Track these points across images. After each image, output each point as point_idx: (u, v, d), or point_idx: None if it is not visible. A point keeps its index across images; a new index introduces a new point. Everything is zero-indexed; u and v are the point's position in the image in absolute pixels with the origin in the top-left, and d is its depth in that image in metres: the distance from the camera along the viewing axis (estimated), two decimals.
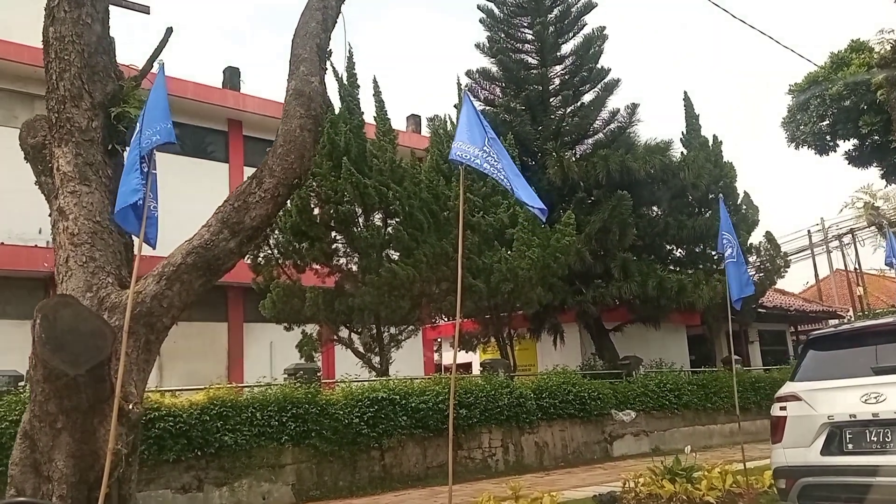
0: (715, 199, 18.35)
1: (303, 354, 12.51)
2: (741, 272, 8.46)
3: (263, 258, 12.85)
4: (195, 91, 20.39)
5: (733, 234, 8.56)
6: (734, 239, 8.49)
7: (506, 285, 13.56)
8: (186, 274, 4.37)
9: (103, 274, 4.42)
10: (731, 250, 8.37)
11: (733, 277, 8.42)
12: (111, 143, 4.75)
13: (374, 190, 12.35)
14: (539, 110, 17.45)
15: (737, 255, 8.42)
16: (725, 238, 8.43)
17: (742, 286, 8.40)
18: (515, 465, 12.26)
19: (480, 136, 5.81)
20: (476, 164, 5.74)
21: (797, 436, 5.50)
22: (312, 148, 4.75)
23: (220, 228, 4.49)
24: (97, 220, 4.54)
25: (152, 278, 4.37)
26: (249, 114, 21.33)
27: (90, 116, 4.70)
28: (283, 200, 4.73)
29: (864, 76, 14.85)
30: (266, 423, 9.68)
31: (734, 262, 8.43)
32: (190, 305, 4.44)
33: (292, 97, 4.74)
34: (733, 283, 8.40)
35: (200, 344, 20.01)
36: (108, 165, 4.74)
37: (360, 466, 10.52)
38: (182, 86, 20.15)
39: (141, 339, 4.27)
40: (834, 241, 27.35)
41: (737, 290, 8.38)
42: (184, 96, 20.04)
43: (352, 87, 13.64)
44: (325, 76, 4.92)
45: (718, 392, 16.16)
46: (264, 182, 4.65)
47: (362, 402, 10.58)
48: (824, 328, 6.15)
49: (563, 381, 13.42)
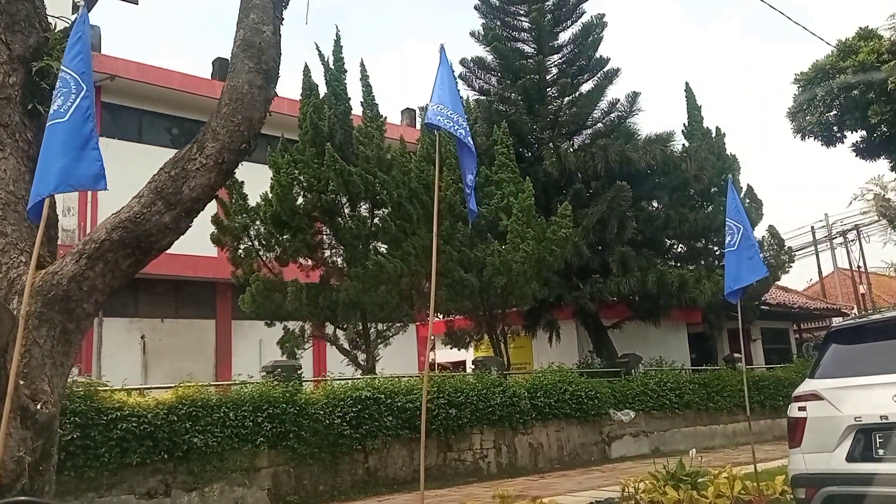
0: (718, 192, 17.82)
1: (284, 351, 11.88)
2: (745, 259, 7.82)
3: (244, 251, 12.21)
4: (182, 82, 19.80)
5: (742, 219, 7.92)
6: (742, 224, 7.85)
7: (499, 279, 12.94)
8: (112, 252, 3.74)
9: (15, 252, 3.79)
10: (732, 238, 7.77)
11: (731, 267, 7.83)
12: (32, 102, 4.10)
13: (360, 178, 11.72)
14: (536, 100, 16.80)
15: (739, 242, 7.79)
16: (730, 225, 7.83)
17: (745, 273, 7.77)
18: (508, 468, 11.64)
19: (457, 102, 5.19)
20: (454, 130, 5.11)
21: (819, 439, 4.88)
22: (263, 108, 4.12)
23: (153, 200, 3.87)
24: (10, 189, 3.91)
25: (71, 257, 3.73)
26: None
27: (6, 71, 4.06)
28: (228, 168, 4.10)
29: (873, 64, 14.23)
30: (240, 423, 9.05)
31: (733, 251, 7.84)
32: (117, 290, 3.80)
33: (240, 49, 4.11)
34: (729, 274, 7.83)
35: (187, 341, 19.41)
36: (27, 128, 4.09)
37: (341, 470, 9.89)
38: (168, 76, 19.56)
39: (56, 328, 3.63)
40: (838, 237, 26.77)
41: (732, 281, 7.80)
42: (170, 87, 19.49)
43: (338, 71, 13.00)
44: (281, 26, 4.27)
45: (721, 391, 15.55)
46: (206, 147, 4.02)
47: (345, 401, 9.95)
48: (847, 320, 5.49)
49: (558, 379, 12.79)
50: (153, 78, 19.12)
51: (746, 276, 7.86)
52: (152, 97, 19.43)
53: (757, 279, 8.28)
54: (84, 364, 17.13)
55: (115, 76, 18.33)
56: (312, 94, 12.30)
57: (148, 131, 20.11)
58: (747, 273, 7.82)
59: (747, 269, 7.78)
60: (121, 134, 19.23)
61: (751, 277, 8.00)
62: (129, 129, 19.65)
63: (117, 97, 19.16)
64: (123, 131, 19.38)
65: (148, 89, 19.07)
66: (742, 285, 7.97)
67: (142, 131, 20.03)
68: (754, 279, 8.21)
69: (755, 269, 7.84)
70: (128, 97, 19.23)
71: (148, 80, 18.95)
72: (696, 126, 18.27)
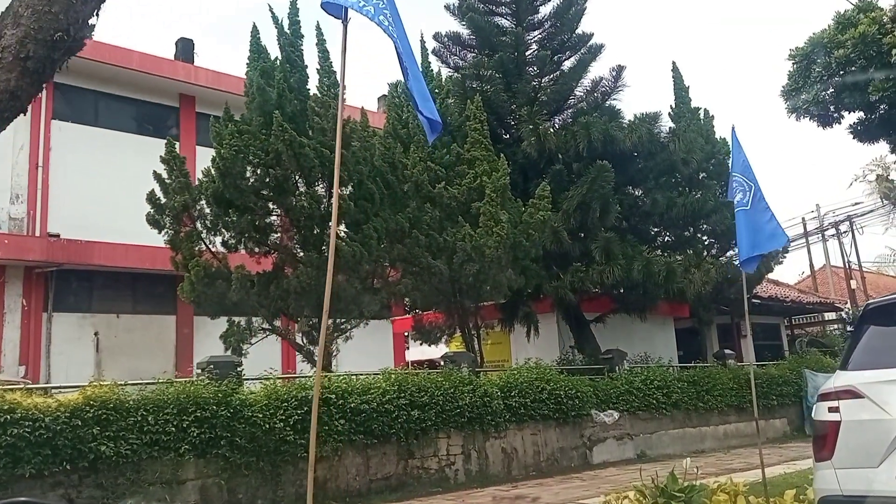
0: (707, 177, 16.74)
1: (228, 346, 10.59)
2: (762, 222, 6.62)
3: (185, 233, 10.91)
4: (142, 62, 18.50)
5: (750, 175, 6.72)
6: (751, 181, 6.65)
7: (470, 266, 11.73)
8: None
9: None
10: (743, 195, 6.56)
11: (744, 229, 6.61)
12: None
13: (314, 151, 10.45)
14: (514, 76, 15.58)
15: (752, 201, 6.57)
16: (737, 181, 6.63)
17: (762, 240, 6.58)
18: (478, 476, 10.42)
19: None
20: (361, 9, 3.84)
21: (858, 450, 3.71)
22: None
23: None
24: None
25: None
26: (203, 88, 19.45)
27: None
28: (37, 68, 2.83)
29: (874, 36, 13.19)
30: (161, 429, 7.77)
31: (746, 210, 6.60)
32: None
33: None
34: (743, 239, 6.61)
35: (145, 338, 18.12)
36: None
37: (284, 481, 8.62)
38: (127, 56, 18.22)
39: None
40: (830, 228, 25.80)
41: (747, 247, 6.58)
42: (129, 67, 18.17)
43: (294, 36, 11.73)
44: None
45: (711, 390, 14.46)
46: (5, 35, 2.75)
47: (289, 402, 8.69)
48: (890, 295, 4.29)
49: (535, 377, 11.60)
50: (110, 57, 17.81)
51: (765, 242, 6.66)
52: (109, 78, 18.11)
53: (777, 248, 7.09)
54: (31, 363, 15.82)
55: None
56: (261, 57, 11.02)
57: (104, 114, 18.76)
58: (766, 239, 6.63)
59: (766, 235, 6.58)
60: (74, 117, 17.95)
61: (769, 245, 6.84)
62: (84, 112, 18.35)
63: (71, 77, 17.74)
64: (78, 114, 18.08)
65: (104, 69, 17.77)
66: (760, 252, 6.78)
67: (98, 114, 18.69)
68: (774, 247, 7.05)
69: (774, 235, 6.64)
70: (82, 77, 17.87)
71: (104, 60, 17.62)
72: (685, 108, 17.16)
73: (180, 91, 19.73)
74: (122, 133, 18.76)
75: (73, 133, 17.70)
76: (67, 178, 16.81)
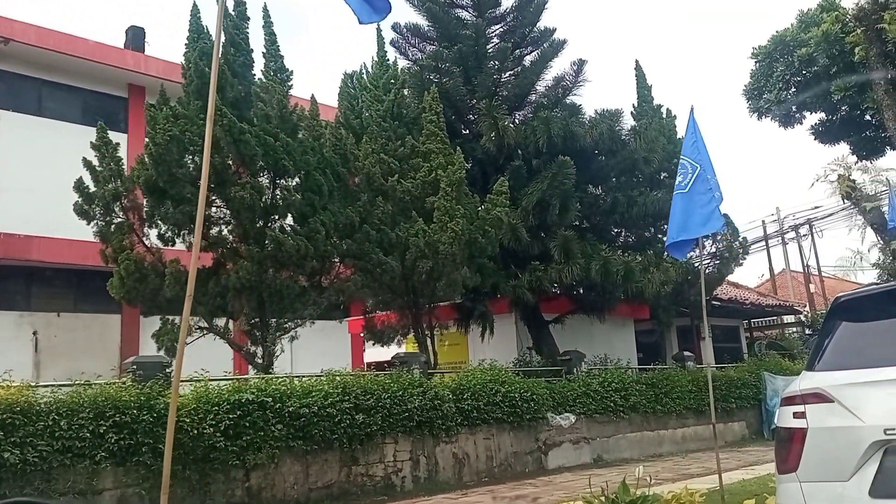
0: (669, 176, 16.46)
1: (160, 346, 9.90)
2: (698, 206, 6.29)
3: (116, 225, 10.19)
4: (88, 49, 17.63)
5: (701, 158, 6.37)
6: (699, 163, 6.31)
7: (423, 263, 11.21)
8: None
9: None
10: (684, 178, 6.24)
11: (678, 213, 6.33)
12: None
13: (256, 139, 9.83)
14: (474, 70, 15.12)
15: (692, 184, 6.26)
16: (683, 164, 6.29)
17: (694, 225, 6.26)
18: (427, 483, 9.90)
19: None
20: None
21: (826, 462, 3.29)
22: None
23: None
24: None
25: None
26: (154, 78, 18.57)
27: None
28: None
29: (837, 35, 13.05)
30: (75, 434, 7.10)
31: (683, 193, 6.32)
32: None
33: None
34: (674, 222, 6.32)
35: (87, 338, 17.24)
36: None
37: (214, 491, 7.98)
38: (72, 42, 17.35)
39: None
40: (790, 231, 25.96)
41: (676, 230, 6.27)
42: (74, 55, 17.29)
43: (240, 18, 11.07)
44: None
45: (670, 393, 14.17)
46: None
47: (220, 406, 8.05)
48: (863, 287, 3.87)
49: (489, 379, 11.12)
50: (54, 44, 16.94)
51: (697, 226, 6.32)
52: (54, 65, 17.22)
53: (709, 232, 6.77)
54: None
55: (9, 40, 16.11)
56: (201, 37, 10.35)
57: (49, 103, 17.84)
58: (698, 223, 6.28)
59: (699, 219, 6.23)
60: (17, 105, 16.99)
61: (701, 229, 6.48)
62: (27, 101, 17.40)
63: (13, 64, 16.89)
64: (20, 102, 17.13)
65: (49, 56, 16.90)
66: (690, 237, 6.44)
67: (42, 103, 17.76)
68: (705, 232, 6.71)
69: (709, 219, 6.28)
70: (25, 65, 16.97)
71: (48, 47, 16.77)
72: (647, 106, 16.99)
73: (129, 81, 18.90)
74: (66, 123, 17.84)
75: (15, 122, 16.77)
76: (9, 168, 15.87)
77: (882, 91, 12.25)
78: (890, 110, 12.27)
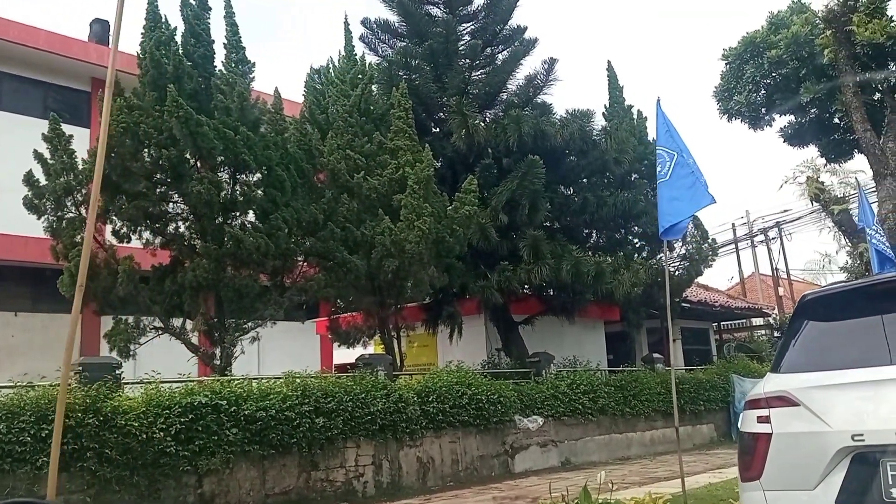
0: (640, 177, 16.42)
1: (112, 347, 9.51)
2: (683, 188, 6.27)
3: (67, 220, 9.77)
4: (49, 41, 17.05)
5: (676, 145, 6.31)
6: (676, 151, 6.24)
7: (390, 262, 10.93)
8: None
9: None
10: (662, 167, 6.20)
11: (664, 201, 6.34)
12: None
13: (215, 132, 9.49)
14: (444, 68, 14.89)
15: (672, 170, 6.23)
16: (660, 154, 6.21)
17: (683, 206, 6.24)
18: (390, 488, 9.64)
19: None
20: None
21: (791, 469, 3.11)
22: None
23: None
24: None
25: None
26: (118, 72, 18.11)
27: None
28: None
29: (807, 37, 13.06)
30: (15, 438, 6.73)
31: (665, 181, 6.33)
32: None
33: None
34: (663, 210, 6.31)
35: (45, 338, 16.64)
36: None
37: (164, 497, 7.64)
38: (32, 34, 16.75)
39: None
40: (759, 234, 26.11)
41: (666, 217, 6.24)
42: (34, 46, 16.71)
43: (201, 8, 10.73)
44: None
45: (638, 395, 14.07)
46: None
47: (171, 409, 7.72)
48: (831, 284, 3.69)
49: (456, 381, 10.89)
50: (14, 35, 16.36)
51: (686, 207, 6.32)
52: (13, 57, 16.62)
53: (701, 208, 6.72)
54: None
55: None
56: (157, 27, 10.00)
57: (8, 97, 17.23)
58: (688, 204, 6.26)
59: (688, 199, 6.20)
60: None
61: (693, 208, 6.51)
62: None
63: None
64: None
65: (7, 48, 16.28)
66: (683, 218, 6.40)
67: (0, 97, 17.16)
68: (697, 209, 6.74)
69: (697, 196, 6.28)
70: None
71: (7, 38, 16.18)
72: (618, 107, 16.88)
73: (93, 75, 18.34)
74: (26, 117, 17.25)
75: None
76: None
77: (850, 93, 12.28)
78: (858, 113, 12.31)
